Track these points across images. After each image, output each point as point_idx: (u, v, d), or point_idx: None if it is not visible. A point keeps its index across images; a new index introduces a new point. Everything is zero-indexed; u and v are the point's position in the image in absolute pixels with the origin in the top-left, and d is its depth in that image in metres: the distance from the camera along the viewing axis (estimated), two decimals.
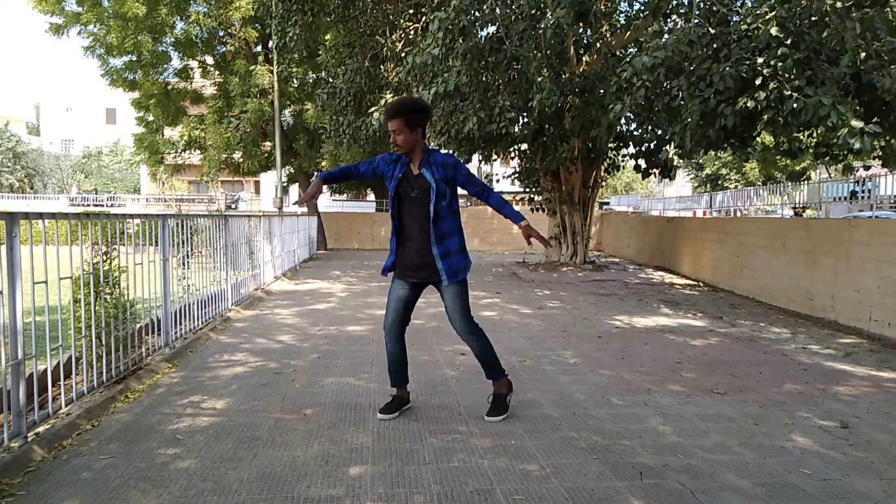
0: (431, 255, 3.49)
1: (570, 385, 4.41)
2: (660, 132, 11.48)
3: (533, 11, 9.08)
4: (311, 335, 6.10)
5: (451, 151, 13.70)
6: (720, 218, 13.65)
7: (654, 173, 12.88)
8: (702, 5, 8.18)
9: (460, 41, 8.56)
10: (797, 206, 11.04)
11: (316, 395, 4.10)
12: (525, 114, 11.00)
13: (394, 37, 11.82)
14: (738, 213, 15.34)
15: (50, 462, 2.97)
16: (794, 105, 6.52)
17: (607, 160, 13.51)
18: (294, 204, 4.14)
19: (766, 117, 7.21)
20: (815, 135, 9.35)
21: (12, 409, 3.01)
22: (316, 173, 19.56)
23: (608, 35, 11.75)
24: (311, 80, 17.36)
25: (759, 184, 28.41)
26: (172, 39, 16.69)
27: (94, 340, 3.82)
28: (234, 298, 7.38)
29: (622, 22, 12.12)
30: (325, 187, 3.92)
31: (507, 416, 3.67)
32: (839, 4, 6.13)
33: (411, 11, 11.70)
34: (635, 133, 12.67)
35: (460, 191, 3.70)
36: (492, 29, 9.95)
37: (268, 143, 18.23)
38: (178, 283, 5.51)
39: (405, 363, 3.73)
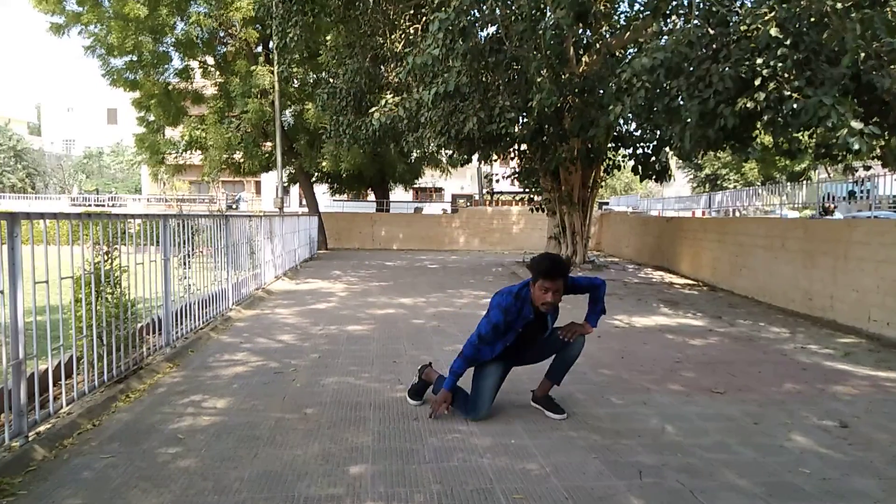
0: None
1: (570, 384, 4.41)
2: (659, 133, 11.48)
3: (533, 12, 9.08)
4: (312, 335, 6.10)
5: (451, 152, 13.72)
6: (719, 218, 13.66)
7: (650, 176, 12.90)
8: (701, 6, 8.18)
9: (460, 42, 8.56)
10: (828, 203, 10.84)
11: (316, 395, 4.11)
12: (525, 114, 11.00)
13: (394, 37, 11.83)
14: (738, 214, 15.34)
15: (51, 461, 2.98)
16: (794, 105, 6.52)
17: (607, 160, 13.51)
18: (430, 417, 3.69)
19: (765, 118, 7.22)
20: (814, 135, 9.36)
21: (13, 409, 3.02)
22: (316, 173, 19.57)
23: (608, 35, 11.75)
24: (311, 81, 17.35)
25: (759, 184, 28.41)
26: (173, 40, 16.68)
27: (95, 340, 3.83)
28: (235, 298, 7.39)
29: (622, 22, 12.12)
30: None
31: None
32: (839, 5, 6.13)
33: (412, 12, 11.70)
34: (634, 134, 12.68)
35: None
36: (492, 29, 9.96)
37: (268, 144, 18.23)
38: (179, 282, 5.52)
39: None
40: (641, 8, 10.95)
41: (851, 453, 3.21)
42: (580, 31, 11.57)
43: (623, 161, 14.12)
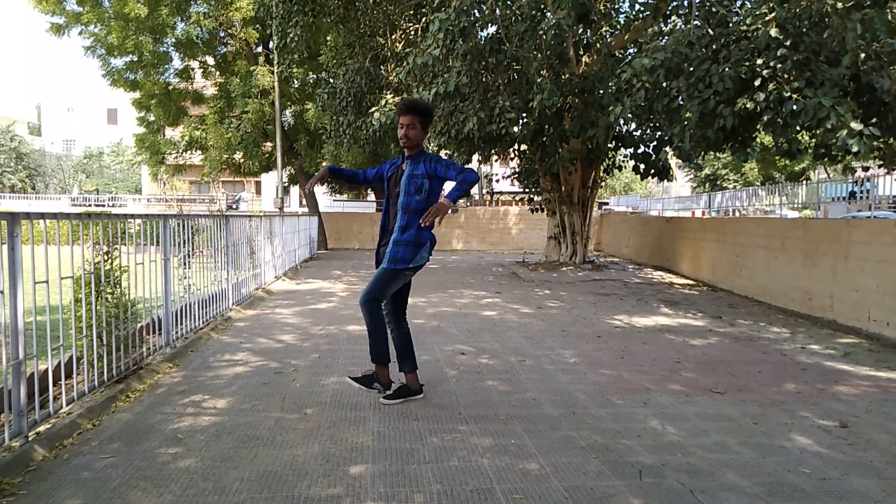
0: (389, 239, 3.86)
1: (570, 384, 4.42)
2: (659, 133, 11.49)
3: (533, 12, 9.09)
4: (312, 335, 6.10)
5: (450, 152, 13.75)
6: (719, 218, 13.66)
7: (651, 175, 12.91)
8: (701, 7, 8.19)
9: (460, 42, 8.57)
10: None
11: (316, 395, 4.11)
12: (525, 114, 11.01)
13: (394, 37, 11.84)
14: (737, 214, 15.35)
15: (51, 461, 2.98)
16: (794, 106, 6.53)
17: (607, 160, 13.52)
18: (304, 189, 4.45)
19: (765, 118, 7.23)
20: (814, 135, 9.37)
21: (13, 409, 3.02)
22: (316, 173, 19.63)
23: (608, 36, 11.76)
24: (311, 81, 17.37)
25: (758, 184, 28.43)
26: (173, 40, 16.71)
27: (95, 340, 3.83)
28: (235, 298, 7.38)
29: (622, 23, 12.14)
30: (322, 185, 4.15)
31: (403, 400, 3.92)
32: (839, 5, 6.14)
33: (412, 12, 11.72)
34: (634, 134, 12.69)
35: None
36: (492, 30, 9.97)
37: (268, 144, 18.25)
38: (179, 282, 5.52)
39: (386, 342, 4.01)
40: (641, 8, 10.96)
41: (851, 453, 3.21)
42: (580, 31, 11.58)
43: (623, 161, 14.13)
